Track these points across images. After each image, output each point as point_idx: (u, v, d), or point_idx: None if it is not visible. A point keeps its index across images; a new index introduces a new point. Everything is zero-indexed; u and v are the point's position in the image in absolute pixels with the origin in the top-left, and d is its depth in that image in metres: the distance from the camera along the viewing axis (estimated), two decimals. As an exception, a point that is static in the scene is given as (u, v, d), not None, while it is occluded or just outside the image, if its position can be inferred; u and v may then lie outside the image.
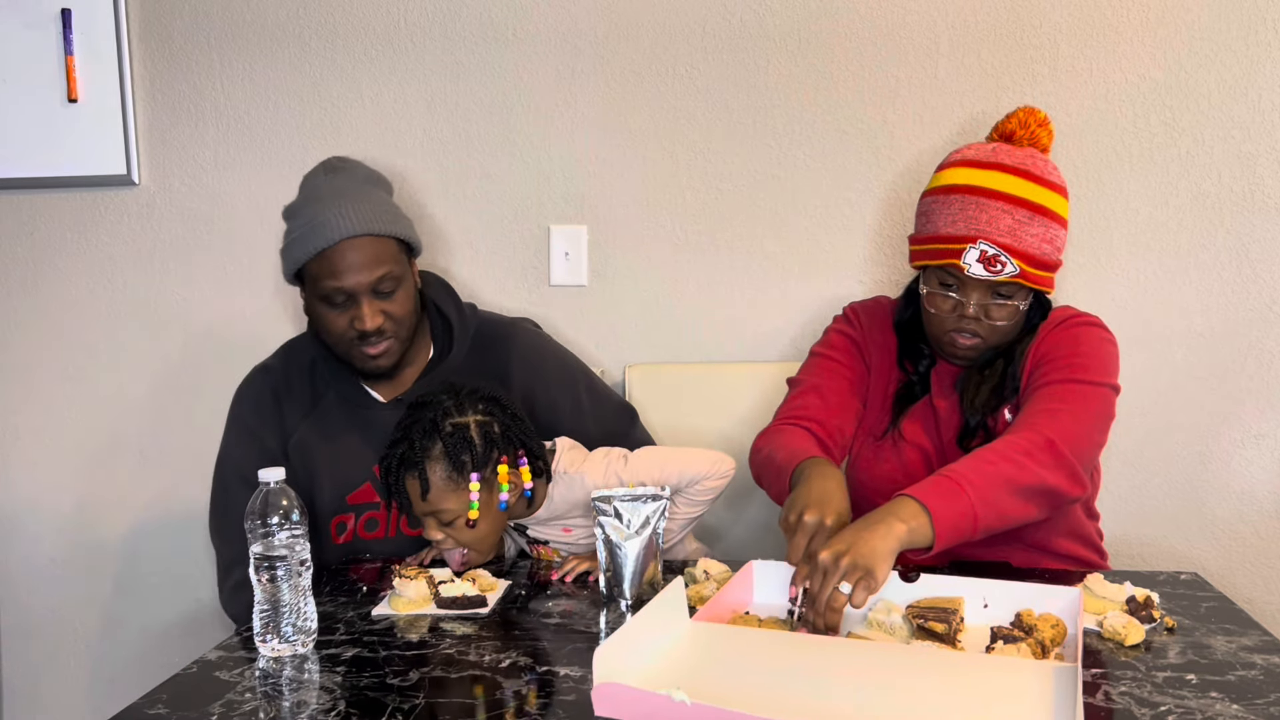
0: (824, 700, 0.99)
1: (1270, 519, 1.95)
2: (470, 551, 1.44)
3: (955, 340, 1.48)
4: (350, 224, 1.52)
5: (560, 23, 1.99)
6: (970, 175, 1.44)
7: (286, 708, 1.05)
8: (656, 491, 1.36)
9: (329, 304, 1.55)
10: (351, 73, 2.05)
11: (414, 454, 1.39)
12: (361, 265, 1.52)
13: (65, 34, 2.04)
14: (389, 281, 1.54)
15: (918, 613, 1.19)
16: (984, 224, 1.40)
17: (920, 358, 1.58)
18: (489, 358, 1.68)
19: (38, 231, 2.14)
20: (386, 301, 1.55)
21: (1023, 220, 1.40)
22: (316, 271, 1.53)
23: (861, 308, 1.68)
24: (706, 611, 1.20)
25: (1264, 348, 1.92)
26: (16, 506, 2.20)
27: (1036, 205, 1.41)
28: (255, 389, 1.69)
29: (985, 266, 1.40)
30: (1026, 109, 1.50)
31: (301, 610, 1.19)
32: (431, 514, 1.41)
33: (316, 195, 1.58)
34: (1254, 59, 1.85)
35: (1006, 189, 1.41)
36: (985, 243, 1.39)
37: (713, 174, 2.00)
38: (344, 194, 1.56)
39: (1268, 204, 1.88)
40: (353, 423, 1.64)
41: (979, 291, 1.44)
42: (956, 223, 1.43)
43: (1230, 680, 1.06)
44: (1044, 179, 1.43)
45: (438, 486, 1.39)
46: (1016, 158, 1.44)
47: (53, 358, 2.16)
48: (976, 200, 1.42)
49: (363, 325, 1.53)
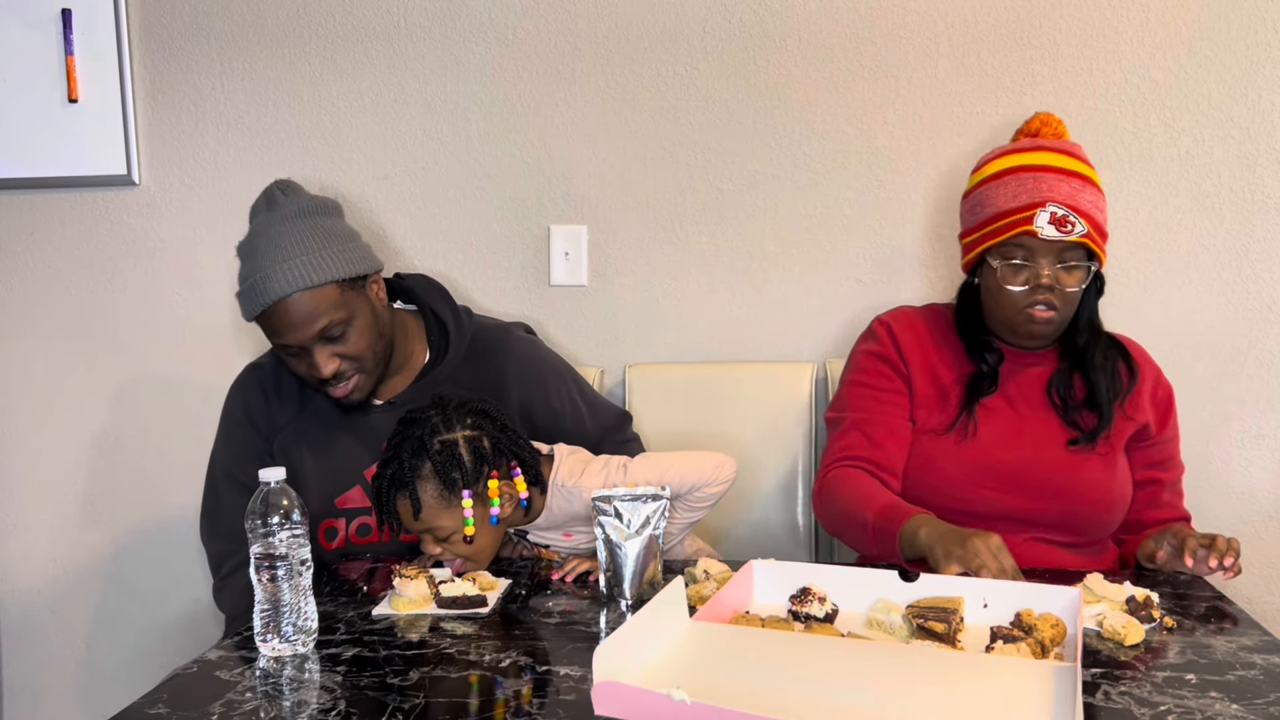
0: (824, 700, 0.99)
1: (1270, 519, 1.95)
2: (469, 561, 1.44)
3: (1033, 315, 1.50)
4: (282, 284, 1.48)
5: (560, 23, 1.99)
6: (1019, 159, 1.52)
7: (287, 707, 1.05)
8: (657, 491, 1.36)
9: (286, 353, 1.55)
10: (351, 73, 2.05)
11: (404, 474, 1.38)
12: (300, 321, 1.50)
13: (65, 34, 2.05)
14: (336, 327, 1.52)
15: (918, 612, 1.19)
16: (1047, 189, 1.47)
17: (988, 351, 1.58)
18: (485, 365, 1.67)
19: (38, 231, 2.14)
20: (339, 345, 1.53)
21: (1078, 188, 1.47)
22: (264, 328, 1.54)
23: (888, 317, 1.67)
24: (706, 611, 1.20)
25: (1264, 348, 1.92)
26: (16, 506, 2.20)
27: (1085, 176, 1.49)
28: (245, 386, 1.69)
29: (1057, 227, 1.45)
30: (1043, 114, 1.59)
31: (302, 610, 1.19)
32: (426, 531, 1.41)
33: (254, 245, 1.54)
34: (1254, 59, 1.85)
35: (1056, 163, 1.49)
36: (1054, 204, 1.45)
37: (713, 174, 2.00)
38: (277, 242, 1.51)
39: (1268, 204, 1.88)
40: (344, 424, 1.63)
41: (1049, 258, 1.47)
42: (1019, 196, 1.48)
43: (1230, 680, 1.06)
44: (1082, 157, 1.52)
45: (430, 505, 1.38)
46: (1056, 142, 1.53)
47: (53, 358, 2.16)
48: (1034, 174, 1.49)
49: (319, 374, 1.52)
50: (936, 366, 1.60)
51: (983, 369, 1.57)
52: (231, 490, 1.65)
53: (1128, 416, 1.56)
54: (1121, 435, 1.55)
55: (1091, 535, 1.55)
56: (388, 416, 1.58)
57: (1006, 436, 1.54)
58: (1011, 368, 1.58)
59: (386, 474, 1.40)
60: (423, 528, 1.40)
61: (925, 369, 1.60)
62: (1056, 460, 1.52)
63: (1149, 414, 1.58)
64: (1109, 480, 1.53)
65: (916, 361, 1.60)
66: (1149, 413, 1.58)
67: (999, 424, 1.55)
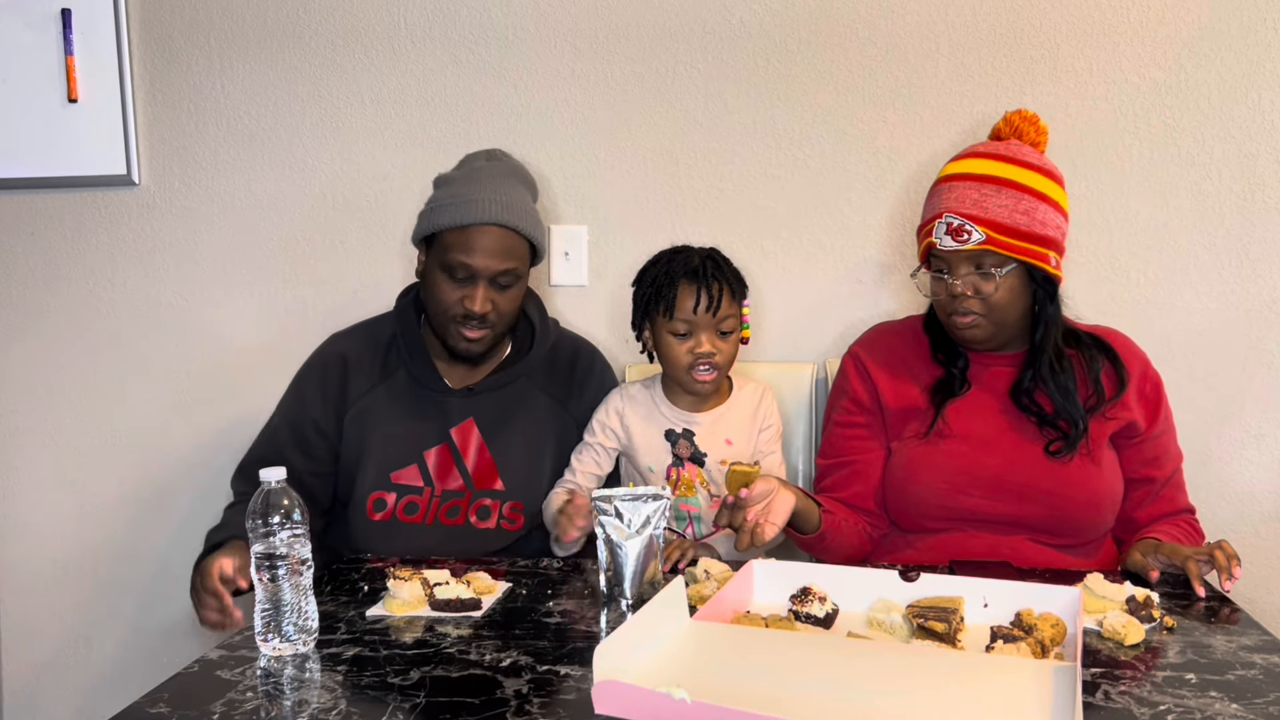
0: (824, 700, 0.99)
1: (1270, 519, 1.95)
2: (719, 372, 1.60)
3: (956, 321, 1.52)
4: (497, 211, 1.58)
5: (560, 23, 1.99)
6: (948, 168, 1.54)
7: (288, 707, 1.05)
8: (657, 491, 1.36)
9: (449, 275, 1.60)
10: (351, 73, 2.05)
11: (702, 268, 1.57)
12: (493, 251, 1.58)
13: (65, 34, 2.04)
14: (509, 276, 1.61)
15: (918, 612, 1.19)
16: (951, 201, 1.49)
17: (951, 353, 1.60)
18: (564, 371, 1.75)
19: (38, 231, 2.14)
20: (500, 294, 1.61)
21: (989, 193, 1.46)
22: (450, 242, 1.59)
23: (858, 347, 1.70)
24: (706, 611, 1.20)
25: (1264, 348, 1.92)
26: (16, 506, 2.20)
27: (1003, 179, 1.47)
28: (322, 360, 1.72)
29: (953, 237, 1.47)
30: (1016, 110, 1.57)
31: (302, 609, 1.19)
32: (717, 324, 1.58)
33: (474, 174, 1.64)
34: (1254, 59, 1.85)
35: (973, 170, 1.50)
36: (950, 215, 1.47)
37: (713, 174, 2.00)
38: (499, 182, 1.63)
39: (1268, 204, 1.88)
40: (417, 403, 1.68)
41: (962, 266, 1.49)
42: (930, 208, 1.53)
43: (1230, 680, 1.06)
44: (1015, 158, 1.49)
45: (727, 298, 1.57)
46: (990, 146, 1.53)
47: (53, 358, 2.16)
48: (946, 185, 1.51)
49: (472, 305, 1.59)
50: (909, 380, 1.61)
51: (953, 371, 1.59)
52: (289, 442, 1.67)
53: (1109, 417, 1.54)
54: (1103, 433, 1.54)
55: (1083, 536, 1.54)
56: (459, 402, 1.67)
57: (985, 439, 1.54)
58: (978, 370, 1.59)
59: (676, 268, 1.58)
60: (712, 320, 1.57)
61: (897, 388, 1.61)
62: (1037, 463, 1.51)
63: (1135, 411, 1.56)
64: (1094, 479, 1.51)
65: (887, 385, 1.62)
66: (1135, 409, 1.56)
67: (975, 426, 1.55)
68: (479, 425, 1.68)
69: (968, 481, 1.52)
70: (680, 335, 1.59)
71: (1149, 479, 1.57)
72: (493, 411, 1.69)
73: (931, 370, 1.61)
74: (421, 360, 1.68)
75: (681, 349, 1.59)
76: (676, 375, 1.63)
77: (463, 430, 1.68)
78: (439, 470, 1.67)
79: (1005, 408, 1.55)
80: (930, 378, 1.60)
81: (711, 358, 1.58)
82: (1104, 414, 1.53)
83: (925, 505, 1.54)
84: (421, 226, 1.63)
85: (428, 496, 1.65)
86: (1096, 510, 1.52)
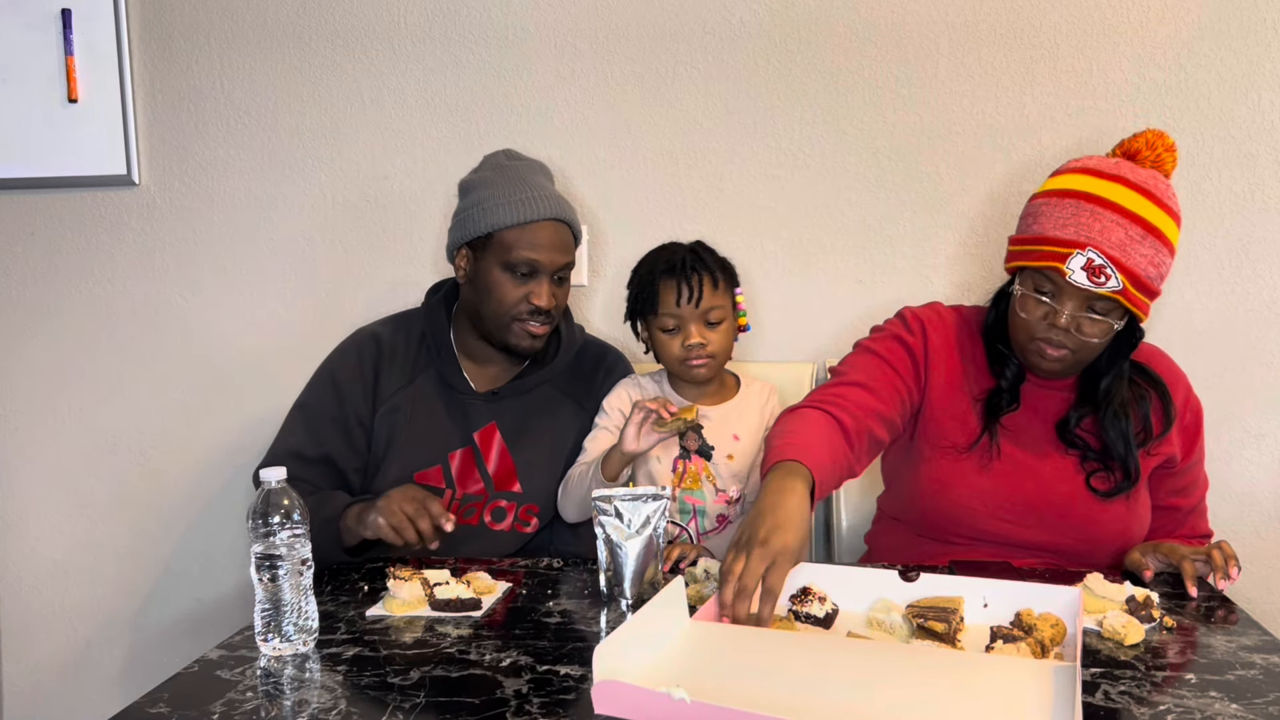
0: (824, 699, 0.99)
1: (1270, 519, 1.95)
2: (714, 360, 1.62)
3: (1042, 350, 1.42)
4: (554, 206, 1.62)
5: (560, 23, 1.99)
6: (1088, 183, 1.38)
7: (288, 707, 1.05)
8: (657, 491, 1.36)
9: (511, 273, 1.60)
10: (351, 73, 2.05)
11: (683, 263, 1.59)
12: (556, 245, 1.62)
13: (65, 34, 2.05)
14: (567, 270, 1.65)
15: (918, 612, 1.19)
16: (1095, 232, 1.33)
17: (1006, 366, 1.51)
18: (588, 376, 1.75)
19: (38, 231, 2.14)
20: (559, 288, 1.65)
21: (1135, 237, 1.33)
22: (514, 239, 1.59)
23: (922, 315, 1.58)
24: (706, 611, 1.20)
25: (1264, 348, 1.92)
26: (16, 506, 2.20)
27: (1151, 225, 1.34)
28: (358, 351, 1.69)
29: (1089, 276, 1.34)
30: (1155, 131, 1.42)
31: (302, 609, 1.19)
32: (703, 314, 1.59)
33: (513, 171, 1.64)
34: (1254, 59, 1.85)
35: (1124, 202, 1.34)
36: (1094, 250, 1.33)
37: (713, 174, 2.00)
38: (541, 178, 1.66)
39: (1268, 204, 1.88)
40: (443, 405, 1.67)
41: (1075, 301, 1.37)
42: (1066, 227, 1.36)
43: (1230, 680, 1.06)
44: (1163, 201, 1.36)
45: (709, 288, 1.59)
46: (1140, 175, 1.37)
47: (53, 358, 2.16)
48: (1091, 208, 1.35)
49: (539, 301, 1.61)
50: (959, 379, 1.53)
51: (1002, 384, 1.50)
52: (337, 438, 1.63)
53: (1153, 454, 1.49)
54: (1145, 469, 1.49)
55: (1102, 564, 1.48)
56: (485, 406, 1.67)
57: (1028, 465, 1.48)
58: (1032, 386, 1.51)
59: (657, 266, 1.60)
60: (696, 312, 1.58)
61: (947, 379, 1.53)
62: (1076, 496, 1.47)
63: (1176, 444, 1.51)
64: (1129, 516, 1.48)
65: (940, 369, 1.53)
66: (1176, 443, 1.51)
67: (1020, 450, 1.49)
68: (501, 429, 1.68)
69: (1003, 506, 1.47)
70: (669, 331, 1.62)
71: (1175, 509, 1.55)
72: (515, 415, 1.69)
73: (983, 382, 1.52)
74: (449, 364, 1.68)
75: (673, 344, 1.62)
76: (673, 369, 1.66)
77: (485, 434, 1.68)
78: (461, 473, 1.66)
79: (1050, 434, 1.49)
80: (981, 389, 1.52)
81: (703, 348, 1.60)
82: (1148, 450, 1.49)
83: (956, 523, 1.50)
84: (472, 228, 1.61)
85: (449, 499, 1.65)
86: (1125, 546, 1.48)
